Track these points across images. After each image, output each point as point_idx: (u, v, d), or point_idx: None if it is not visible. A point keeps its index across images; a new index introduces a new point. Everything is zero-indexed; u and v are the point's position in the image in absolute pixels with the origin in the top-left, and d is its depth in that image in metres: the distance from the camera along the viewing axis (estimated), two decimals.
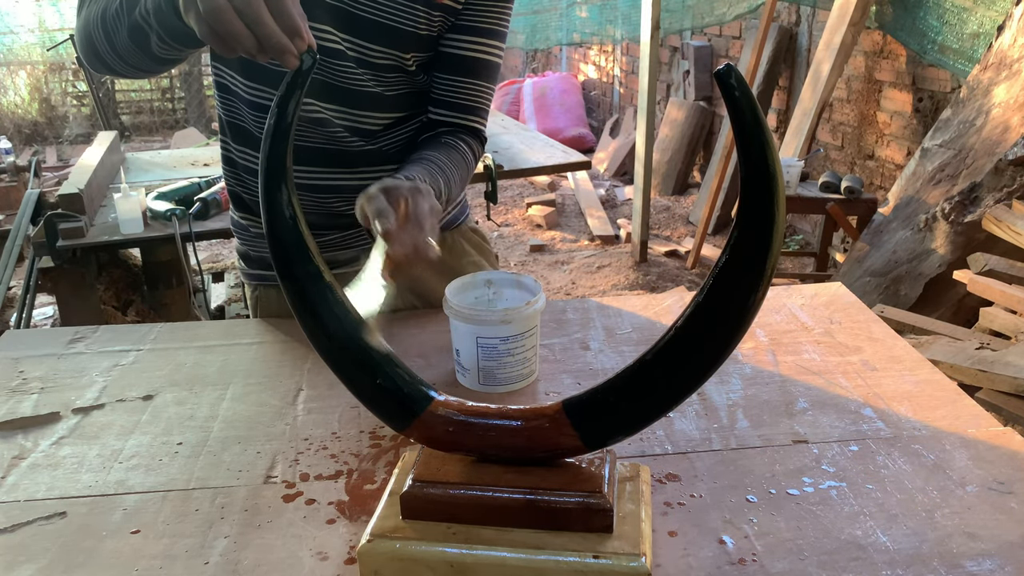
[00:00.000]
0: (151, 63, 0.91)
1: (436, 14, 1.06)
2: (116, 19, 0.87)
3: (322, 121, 1.10)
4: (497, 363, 0.96)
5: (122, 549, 0.73)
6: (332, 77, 1.06)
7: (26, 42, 8.69)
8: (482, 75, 1.13)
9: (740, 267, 0.59)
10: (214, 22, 0.69)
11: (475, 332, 0.95)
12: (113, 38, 0.89)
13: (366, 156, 1.14)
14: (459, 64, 1.12)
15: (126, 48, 0.89)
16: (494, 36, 1.12)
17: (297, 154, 1.12)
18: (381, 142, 1.14)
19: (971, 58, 3.14)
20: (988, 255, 2.55)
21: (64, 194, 2.29)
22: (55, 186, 3.82)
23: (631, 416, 0.67)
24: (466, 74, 1.12)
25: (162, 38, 0.84)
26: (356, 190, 1.16)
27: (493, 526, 0.67)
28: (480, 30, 1.10)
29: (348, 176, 1.16)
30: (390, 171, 1.16)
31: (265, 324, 1.21)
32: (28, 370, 1.08)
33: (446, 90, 1.13)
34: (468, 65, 1.12)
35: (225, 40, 0.70)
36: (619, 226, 4.96)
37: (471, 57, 1.11)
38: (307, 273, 0.70)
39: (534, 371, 1.00)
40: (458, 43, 1.11)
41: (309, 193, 1.16)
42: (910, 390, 0.96)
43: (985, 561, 0.68)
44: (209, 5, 0.68)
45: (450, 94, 1.13)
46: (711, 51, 5.35)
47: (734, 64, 0.58)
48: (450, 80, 1.13)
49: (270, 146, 0.69)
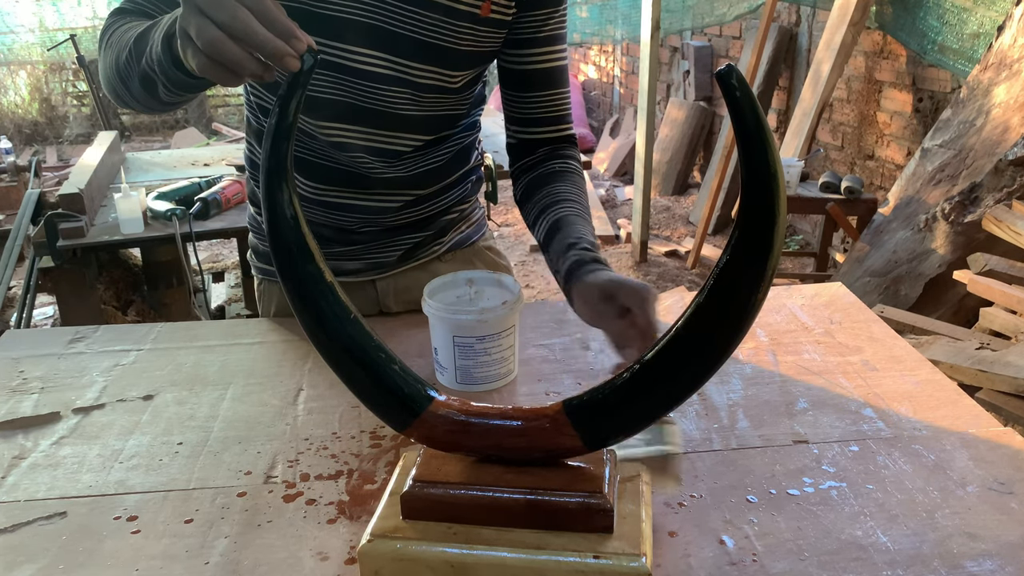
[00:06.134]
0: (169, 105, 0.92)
1: (484, 29, 1.01)
2: (127, 68, 0.88)
3: (342, 145, 1.07)
4: (474, 362, 0.97)
5: (122, 549, 0.73)
6: (362, 99, 1.02)
7: (26, 42, 8.68)
8: (560, 82, 1.10)
9: (740, 267, 0.59)
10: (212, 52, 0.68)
11: (452, 331, 0.96)
12: (128, 84, 0.90)
13: (385, 181, 1.11)
14: (537, 79, 1.08)
15: (141, 94, 0.89)
16: (560, 40, 1.09)
17: (310, 170, 1.10)
18: (404, 166, 1.11)
19: (971, 58, 3.14)
20: (988, 255, 2.55)
21: (64, 194, 2.29)
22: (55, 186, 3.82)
23: (631, 416, 0.67)
24: (547, 86, 1.09)
25: (168, 88, 0.84)
26: (370, 211, 1.15)
27: (493, 526, 0.67)
28: (545, 39, 1.06)
29: (363, 197, 1.13)
30: (409, 196, 1.15)
31: (265, 324, 1.21)
32: (28, 370, 1.08)
33: (533, 107, 1.11)
34: (546, 77, 1.09)
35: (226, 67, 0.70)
36: (619, 226, 4.96)
37: (545, 69, 1.08)
38: (308, 273, 0.70)
39: (512, 370, 1.01)
40: (527, 58, 1.07)
41: (319, 208, 1.14)
42: (910, 390, 0.96)
43: (985, 561, 0.68)
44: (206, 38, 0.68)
45: (538, 111, 1.11)
46: (711, 51, 5.35)
47: (734, 64, 0.58)
48: (533, 97, 1.10)
49: (271, 145, 0.69)
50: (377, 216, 1.15)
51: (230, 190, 2.45)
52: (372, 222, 1.16)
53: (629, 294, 0.84)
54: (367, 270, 1.21)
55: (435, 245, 1.24)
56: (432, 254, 1.24)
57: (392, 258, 1.20)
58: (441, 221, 1.22)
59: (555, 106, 1.11)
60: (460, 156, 1.18)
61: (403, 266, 1.23)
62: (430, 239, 1.22)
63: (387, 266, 1.21)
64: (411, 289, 1.23)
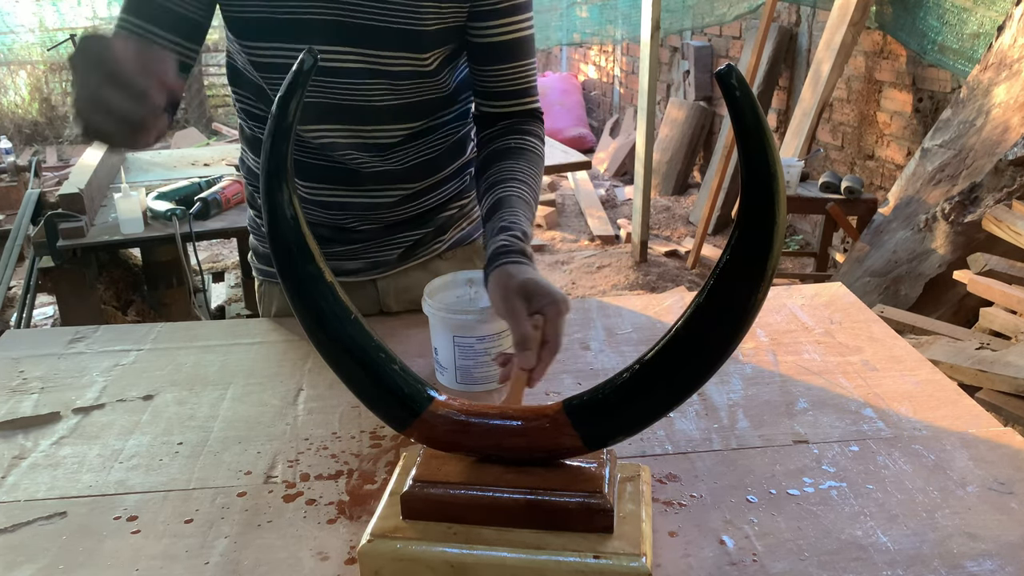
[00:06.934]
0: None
1: (446, 5, 1.01)
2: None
3: (330, 145, 1.08)
4: (474, 362, 0.97)
5: (122, 549, 0.73)
6: (340, 96, 1.03)
7: (26, 42, 8.68)
8: (522, 54, 1.08)
9: (740, 267, 0.59)
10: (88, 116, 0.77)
11: (452, 331, 0.96)
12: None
13: (377, 176, 1.12)
14: (497, 51, 1.07)
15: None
16: (521, 10, 1.07)
17: (303, 170, 1.11)
18: (394, 159, 1.11)
19: (971, 58, 3.14)
20: (988, 255, 2.55)
21: (64, 194, 2.29)
22: (55, 186, 3.82)
23: (632, 416, 0.67)
24: (508, 59, 1.07)
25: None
26: (365, 207, 1.16)
27: (493, 526, 0.67)
28: (505, 10, 1.05)
29: (357, 194, 1.13)
30: (403, 190, 1.14)
31: (265, 324, 1.21)
32: (28, 370, 1.08)
33: (493, 80, 1.09)
34: (506, 49, 1.07)
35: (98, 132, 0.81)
36: (619, 226, 4.96)
37: (506, 41, 1.06)
38: (308, 273, 0.70)
39: None
40: (488, 30, 1.05)
41: (317, 208, 1.14)
42: (910, 390, 0.96)
43: (985, 561, 0.68)
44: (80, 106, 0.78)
45: (499, 84, 1.09)
46: (711, 51, 5.35)
47: (734, 64, 0.58)
48: (493, 70, 1.08)
49: (271, 146, 0.69)
50: (373, 212, 1.15)
51: (230, 190, 2.45)
52: (369, 219, 1.16)
53: (547, 302, 0.85)
54: (368, 269, 1.21)
55: (436, 243, 1.23)
56: (433, 252, 1.24)
57: (392, 256, 1.20)
58: (440, 218, 1.22)
59: (517, 79, 1.09)
60: (454, 149, 1.17)
61: (404, 265, 1.23)
62: (430, 237, 1.22)
63: (388, 265, 1.21)
64: (411, 289, 1.23)
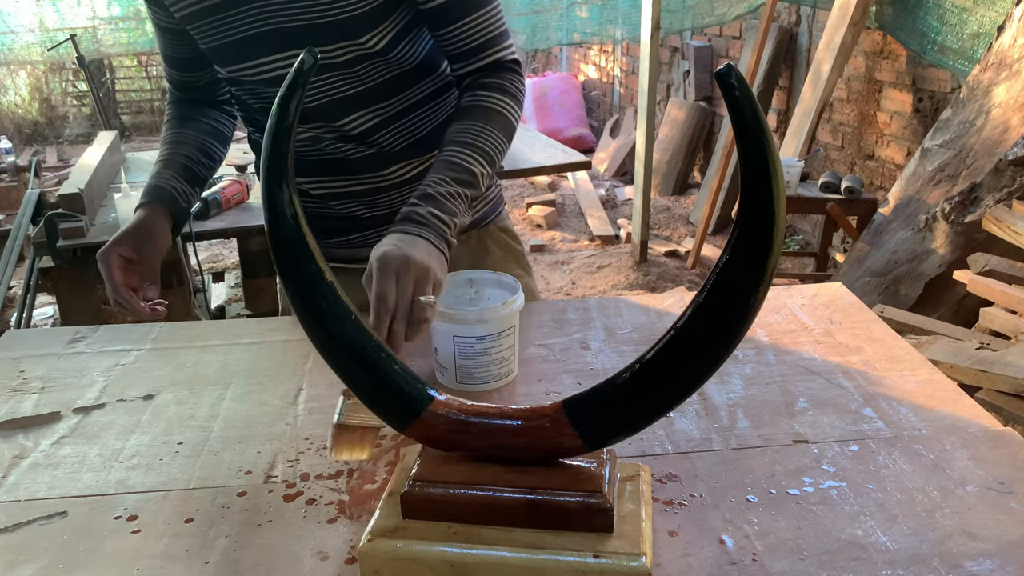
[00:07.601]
0: None
1: None
2: None
3: (312, 140, 1.10)
4: (474, 362, 0.97)
5: (122, 549, 0.73)
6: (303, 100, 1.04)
7: (26, 42, 8.67)
8: (472, 7, 1.06)
9: (740, 267, 0.59)
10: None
11: (452, 331, 0.96)
12: None
13: (366, 161, 1.13)
14: (445, 12, 1.05)
15: None
16: None
17: (300, 167, 1.12)
18: (379, 143, 1.12)
19: (971, 58, 3.14)
20: (988, 255, 2.55)
21: (64, 194, 2.29)
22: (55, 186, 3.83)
23: (632, 416, 0.67)
24: (457, 16, 1.05)
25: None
26: (366, 194, 1.17)
27: (493, 526, 0.67)
28: None
29: (355, 182, 1.15)
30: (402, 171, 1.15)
31: (265, 324, 1.21)
32: (28, 370, 1.08)
33: (453, 42, 1.08)
34: (452, 8, 1.05)
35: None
36: (619, 226, 4.96)
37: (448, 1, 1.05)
38: (308, 273, 0.70)
39: (512, 370, 1.01)
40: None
41: (321, 202, 1.15)
42: (910, 390, 0.96)
43: (985, 561, 0.68)
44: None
45: (458, 44, 1.08)
46: (711, 51, 5.35)
47: (734, 64, 0.58)
48: (448, 32, 1.07)
49: (271, 145, 0.69)
50: (375, 197, 1.16)
51: (230, 190, 2.45)
52: (373, 204, 1.17)
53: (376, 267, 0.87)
54: None
55: None
56: None
57: None
58: None
59: (473, 35, 1.07)
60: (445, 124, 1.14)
61: None
62: None
63: None
64: None
